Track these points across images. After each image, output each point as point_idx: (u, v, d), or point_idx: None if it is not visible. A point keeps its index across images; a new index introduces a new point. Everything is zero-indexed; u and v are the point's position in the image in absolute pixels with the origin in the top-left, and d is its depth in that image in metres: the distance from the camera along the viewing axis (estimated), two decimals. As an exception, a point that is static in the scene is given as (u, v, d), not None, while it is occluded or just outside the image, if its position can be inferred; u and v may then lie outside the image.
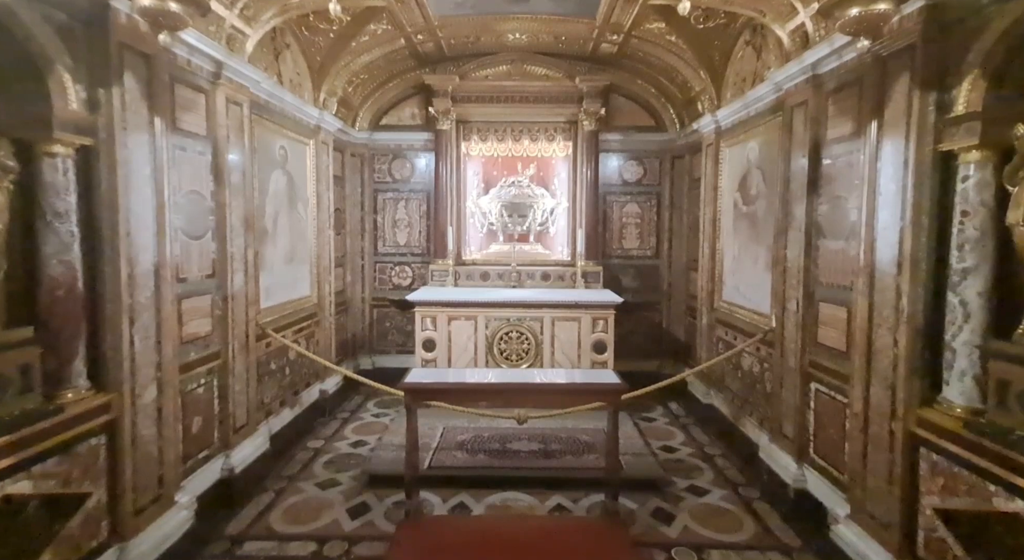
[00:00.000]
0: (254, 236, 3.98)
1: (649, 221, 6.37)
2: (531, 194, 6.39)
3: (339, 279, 6.09)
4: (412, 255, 6.54)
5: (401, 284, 6.53)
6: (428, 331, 5.38)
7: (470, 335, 5.36)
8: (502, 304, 5.34)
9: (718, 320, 5.03)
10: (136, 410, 2.65)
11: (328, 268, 5.55)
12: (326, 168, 5.50)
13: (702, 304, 5.33)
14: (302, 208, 5.03)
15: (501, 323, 5.36)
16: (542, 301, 5.33)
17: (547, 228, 6.61)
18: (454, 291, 5.86)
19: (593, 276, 6.06)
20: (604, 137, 6.20)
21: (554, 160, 6.67)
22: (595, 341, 5.28)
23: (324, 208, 5.47)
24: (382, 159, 6.49)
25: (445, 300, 5.37)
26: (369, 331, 6.53)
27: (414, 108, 6.45)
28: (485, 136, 6.44)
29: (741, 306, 4.55)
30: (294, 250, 4.85)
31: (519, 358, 5.37)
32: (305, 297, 5.08)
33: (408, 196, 6.51)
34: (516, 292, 5.75)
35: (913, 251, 2.51)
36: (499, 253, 6.43)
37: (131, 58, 2.60)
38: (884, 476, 2.65)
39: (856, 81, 3.07)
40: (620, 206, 6.40)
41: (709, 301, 5.18)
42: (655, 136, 6.27)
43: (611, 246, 6.40)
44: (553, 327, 5.33)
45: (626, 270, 6.38)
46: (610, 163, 6.36)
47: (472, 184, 6.65)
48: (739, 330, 4.55)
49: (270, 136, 4.40)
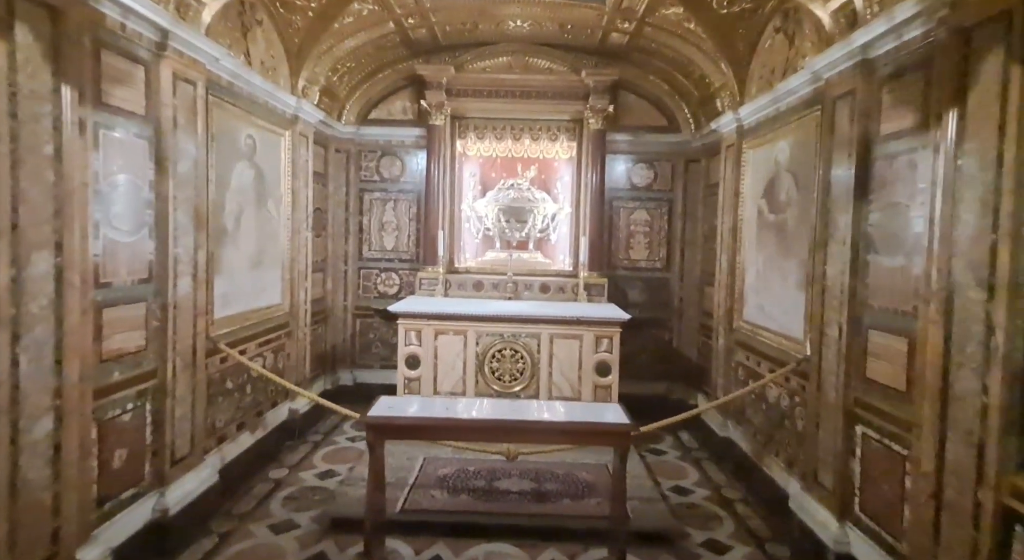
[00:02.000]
0: (207, 235, 3.45)
1: (659, 230, 5.83)
2: (531, 198, 5.87)
3: (318, 286, 5.55)
4: (400, 261, 6.00)
5: (387, 292, 5.99)
6: (412, 346, 4.83)
7: (459, 352, 4.81)
8: (496, 318, 4.80)
9: (738, 342, 4.48)
10: (19, 449, 2.10)
11: (304, 273, 5.01)
12: (305, 163, 4.98)
13: (719, 323, 4.77)
14: (273, 206, 4.50)
15: (494, 339, 4.81)
16: (540, 316, 4.78)
17: (548, 235, 6.10)
18: (443, 302, 5.32)
19: (597, 289, 5.51)
20: (612, 137, 5.68)
21: (556, 162, 6.17)
22: (598, 362, 4.72)
23: (301, 207, 4.95)
24: (370, 156, 5.98)
25: (432, 312, 4.83)
26: (351, 343, 5.98)
27: (406, 101, 5.94)
28: (483, 134, 5.93)
29: (766, 328, 4.00)
30: (262, 253, 4.32)
31: (512, 379, 4.81)
32: (274, 306, 4.54)
33: (397, 197, 5.99)
34: (512, 305, 5.20)
35: (1011, 273, 1.96)
36: (495, 261, 5.90)
37: (27, 8, 2.08)
38: (963, 557, 2.08)
39: (922, 63, 2.53)
40: (628, 213, 5.86)
41: (727, 320, 4.63)
42: (667, 137, 5.75)
43: (617, 256, 5.86)
44: (552, 345, 4.78)
45: (633, 283, 5.83)
46: (618, 166, 5.83)
47: (468, 186, 6.15)
48: (764, 356, 3.99)
49: (234, 123, 3.88)
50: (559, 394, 4.74)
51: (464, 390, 4.79)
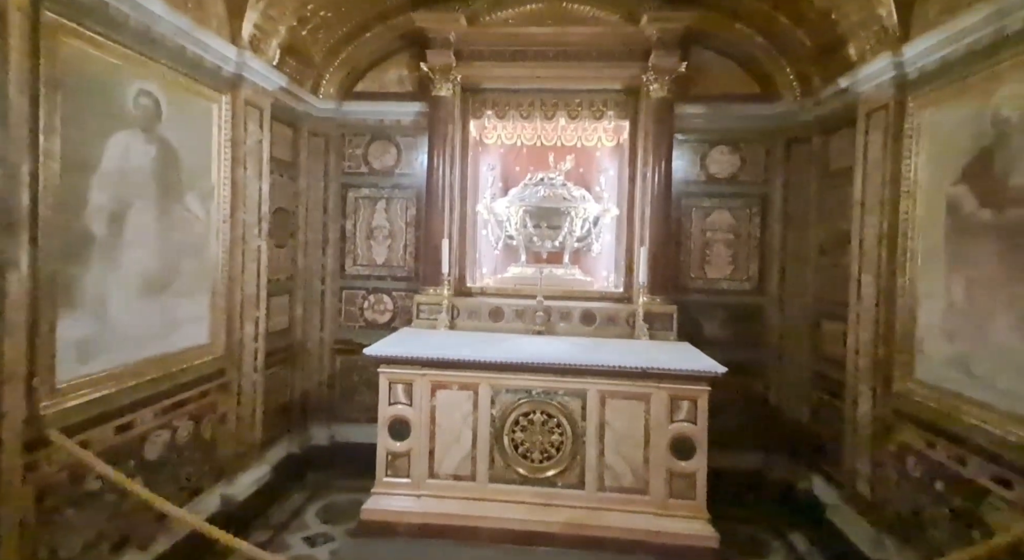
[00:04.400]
0: (36, 245, 2.03)
1: (749, 238, 4.22)
2: (567, 196, 4.37)
3: (280, 313, 4.11)
4: (394, 279, 4.53)
5: (377, 321, 4.52)
6: (398, 406, 3.32)
7: (466, 415, 3.28)
8: (521, 366, 3.25)
9: (906, 415, 2.83)
10: None
11: (255, 298, 3.57)
12: (257, 145, 3.56)
13: (862, 379, 3.14)
14: (197, 202, 3.08)
15: (518, 398, 3.27)
16: (586, 365, 3.22)
17: (589, 245, 4.58)
18: (446, 338, 3.80)
19: (662, 320, 3.93)
20: (681, 111, 4.12)
21: (599, 151, 4.73)
22: (676, 436, 3.13)
23: (251, 205, 3.52)
24: (356, 141, 4.54)
25: (428, 357, 3.31)
26: (329, 389, 4.51)
27: (402, 69, 4.49)
28: (503, 112, 4.44)
29: (979, 401, 2.36)
30: (172, 271, 2.89)
31: (545, 458, 3.25)
32: (196, 348, 3.10)
33: (391, 194, 4.53)
34: (543, 344, 3.66)
35: None
36: (520, 279, 4.40)
37: None
38: None
39: None
40: (703, 215, 4.27)
41: (880, 377, 2.99)
42: (760, 108, 4.14)
43: (687, 274, 4.27)
44: (603, 408, 3.21)
45: (711, 311, 4.23)
46: (688, 150, 4.26)
47: (486, 181, 4.69)
48: (976, 449, 2.36)
49: (111, 69, 2.47)
50: (615, 483, 3.16)
51: (473, 473, 3.25)
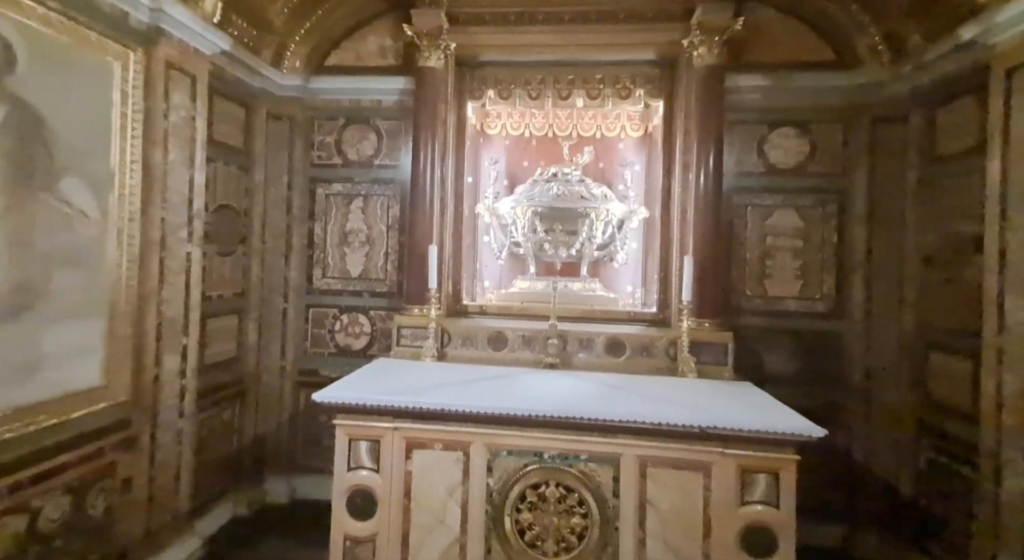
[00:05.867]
0: None
1: (822, 244, 3.31)
2: (586, 195, 3.51)
3: (226, 338, 3.26)
4: (372, 295, 3.66)
5: (351, 346, 3.65)
6: (361, 473, 2.42)
7: (454, 486, 2.39)
8: (527, 420, 2.35)
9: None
10: None
11: (180, 321, 2.71)
12: (186, 122, 2.71)
13: (1009, 441, 2.22)
14: (82, 193, 2.23)
15: (524, 463, 2.37)
16: (620, 419, 2.31)
17: (611, 254, 3.71)
18: (431, 373, 2.90)
19: (712, 351, 3.02)
20: (732, 83, 3.25)
21: (622, 141, 3.93)
22: (748, 525, 2.21)
23: (179, 201, 2.68)
24: (328, 126, 3.70)
25: (399, 405, 2.41)
26: (290, 431, 3.63)
27: (384, 37, 3.66)
28: (508, 90, 3.59)
29: None
30: (36, 287, 2.04)
31: (562, 550, 2.33)
32: (84, 393, 2.24)
33: (369, 191, 3.68)
34: (557, 383, 2.76)
35: None
36: (528, 295, 3.54)
37: None
38: None
39: None
40: (760, 215, 3.37)
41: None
42: (835, 79, 3.24)
43: (740, 291, 3.37)
44: (644, 481, 2.30)
45: (773, 340, 3.31)
46: (740, 133, 3.38)
47: (488, 178, 3.84)
48: None
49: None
50: (661, 588, 2.25)
51: (462, 568, 2.35)
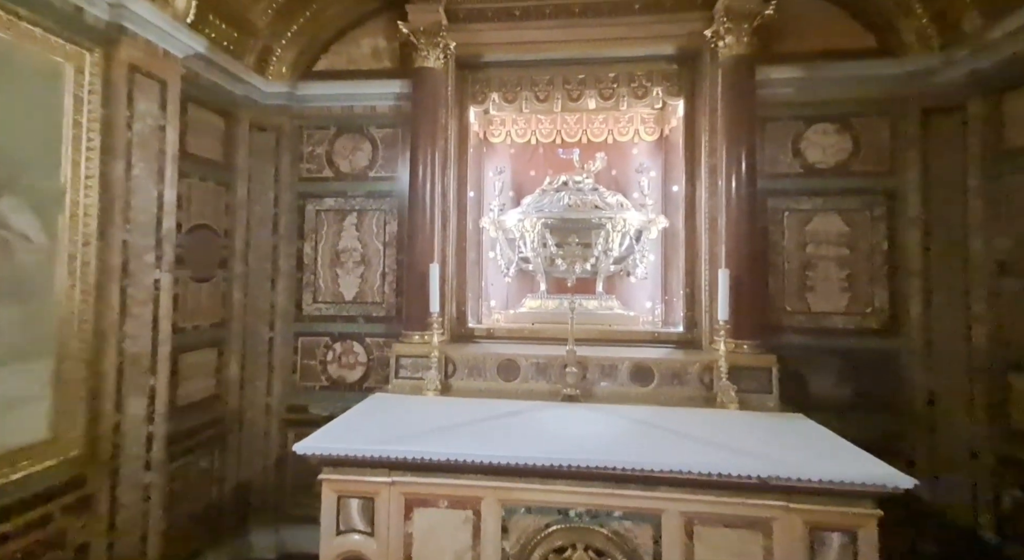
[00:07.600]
0: None
1: (871, 251, 2.94)
2: (600, 204, 3.18)
3: (202, 376, 2.90)
4: (368, 320, 3.31)
5: (345, 378, 3.30)
6: (353, 536, 2.05)
7: (463, 551, 2.00)
8: (548, 471, 1.97)
9: None
10: None
11: (147, 358, 2.36)
12: (155, 132, 2.39)
13: None
14: (22, 214, 1.90)
15: (546, 522, 1.99)
16: (660, 469, 1.93)
17: (628, 267, 3.36)
18: (434, 411, 2.53)
19: (754, 377, 2.64)
20: (762, 76, 2.92)
21: (636, 146, 3.68)
22: (821, 597, 1.83)
23: (145, 221, 2.35)
24: (317, 136, 3.39)
25: (396, 455, 2.03)
26: (277, 475, 3.25)
27: (378, 38, 3.36)
28: (514, 93, 3.29)
29: None
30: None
31: (595, 628, 1.95)
32: (26, 448, 1.89)
33: (364, 206, 3.35)
34: (579, 420, 2.38)
35: None
36: (539, 316, 3.20)
37: None
38: None
39: None
40: (799, 221, 3.02)
41: None
42: (878, 67, 2.90)
43: (779, 306, 3.00)
44: (691, 542, 1.91)
45: (818, 360, 2.93)
46: (773, 131, 3.05)
47: (492, 188, 3.54)
48: None
49: None
50: None
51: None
